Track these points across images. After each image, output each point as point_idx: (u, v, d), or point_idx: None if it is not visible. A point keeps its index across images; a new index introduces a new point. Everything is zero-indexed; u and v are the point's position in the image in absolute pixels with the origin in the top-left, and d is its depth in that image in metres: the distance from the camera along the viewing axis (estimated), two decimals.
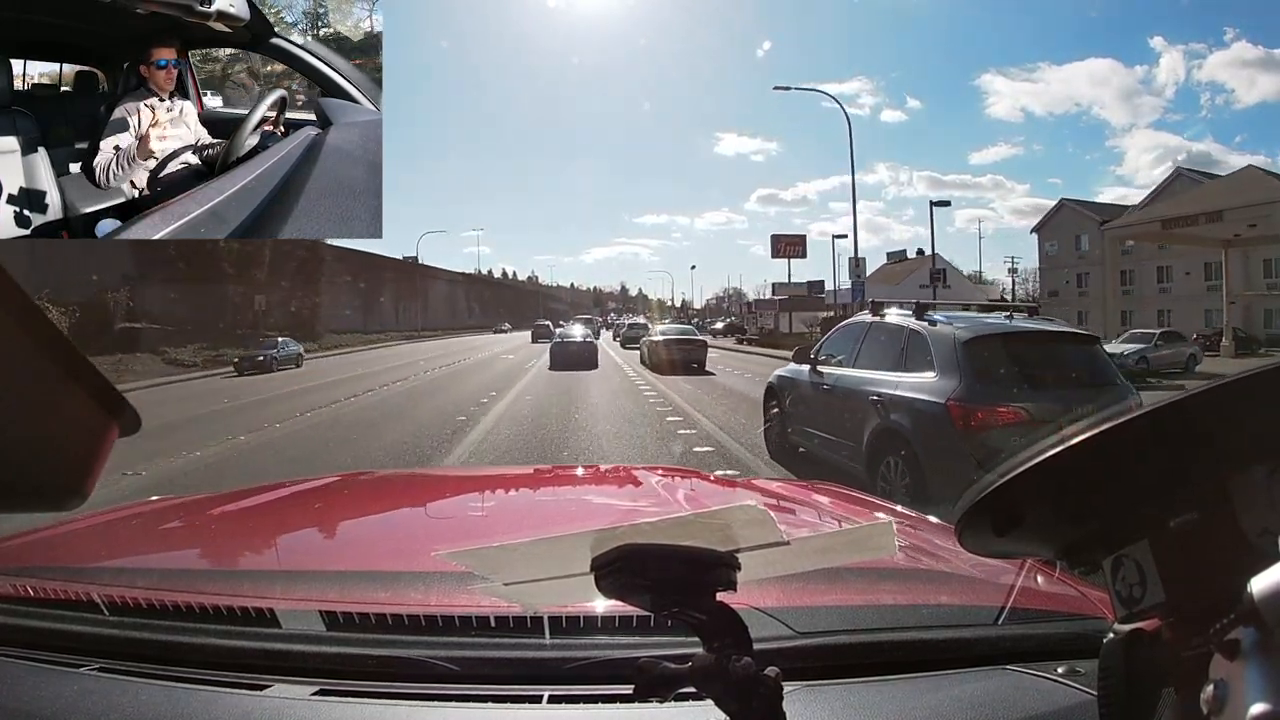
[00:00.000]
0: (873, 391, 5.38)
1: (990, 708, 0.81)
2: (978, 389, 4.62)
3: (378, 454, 8.30)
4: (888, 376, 5.37)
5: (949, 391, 4.66)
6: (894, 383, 5.24)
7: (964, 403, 4.55)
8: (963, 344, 4.82)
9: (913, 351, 5.20)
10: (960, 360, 4.76)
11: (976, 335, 4.91)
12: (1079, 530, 0.57)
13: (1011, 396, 4.59)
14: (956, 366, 4.75)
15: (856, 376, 5.78)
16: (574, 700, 0.84)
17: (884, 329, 5.78)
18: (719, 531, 0.55)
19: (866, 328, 6.09)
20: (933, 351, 4.98)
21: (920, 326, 5.27)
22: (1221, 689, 0.41)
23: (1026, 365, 4.91)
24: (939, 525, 1.47)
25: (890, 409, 5.11)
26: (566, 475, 2.66)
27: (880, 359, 5.60)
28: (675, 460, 7.46)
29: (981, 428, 4.47)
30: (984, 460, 4.36)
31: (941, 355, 4.90)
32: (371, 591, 1.06)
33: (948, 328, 5.09)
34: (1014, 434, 4.38)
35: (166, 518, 1.69)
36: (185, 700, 0.84)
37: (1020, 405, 4.52)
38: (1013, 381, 4.76)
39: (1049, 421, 4.38)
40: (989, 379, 4.71)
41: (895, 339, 5.52)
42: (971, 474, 4.18)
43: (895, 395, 5.12)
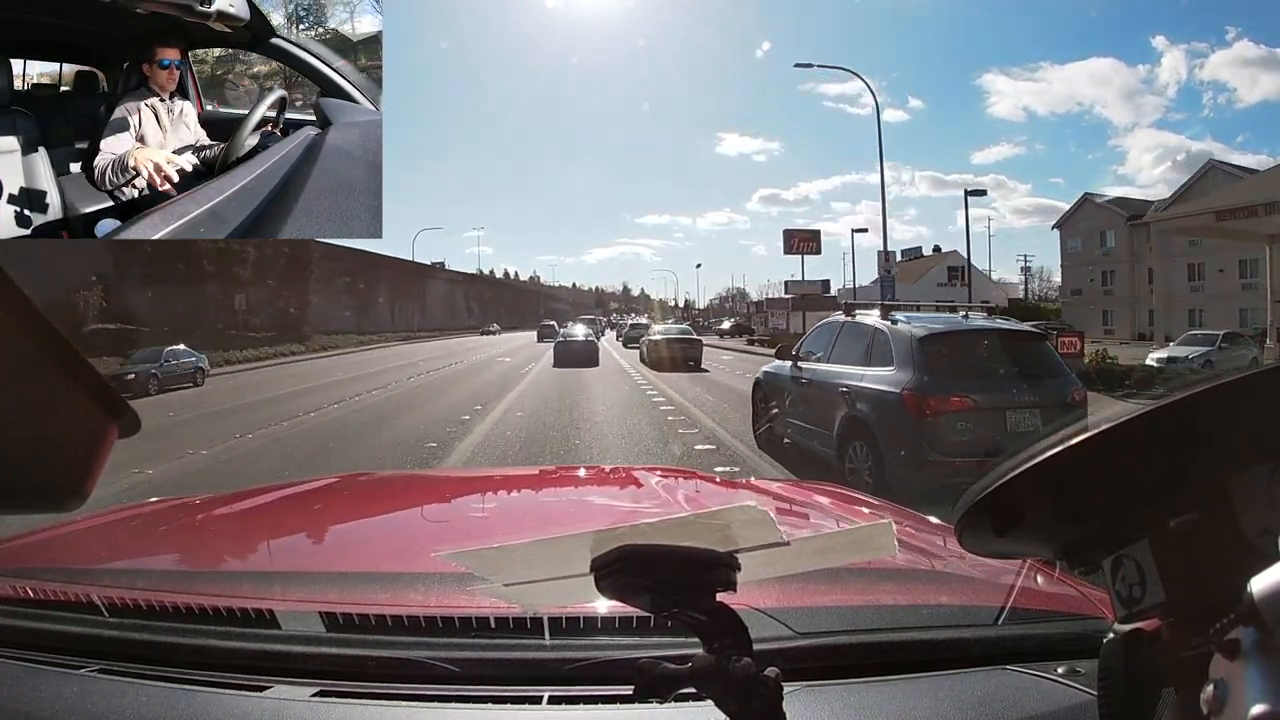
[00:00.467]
0: (842, 384, 6.00)
1: (990, 708, 0.81)
2: (930, 381, 5.21)
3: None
4: (856, 370, 5.96)
5: (905, 383, 5.26)
6: (860, 376, 5.85)
7: (917, 393, 5.15)
8: (918, 341, 5.43)
9: (877, 348, 5.80)
10: (915, 355, 5.35)
11: (930, 333, 5.55)
12: (1079, 530, 0.57)
13: (960, 387, 5.17)
14: (912, 361, 5.35)
15: (830, 371, 6.38)
16: (574, 701, 0.84)
17: (855, 328, 6.40)
18: (719, 532, 0.55)
19: (840, 327, 6.70)
20: (893, 348, 5.58)
21: (884, 326, 5.87)
22: (1221, 689, 0.41)
23: (975, 359, 5.58)
24: (939, 525, 1.47)
25: (856, 399, 5.72)
26: (566, 476, 2.66)
27: (850, 355, 6.19)
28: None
29: (933, 414, 5.05)
30: (934, 443, 4.99)
31: (900, 351, 5.50)
32: (371, 592, 1.06)
33: (906, 327, 5.69)
34: (961, 420, 5.01)
35: (166, 519, 1.69)
36: (185, 701, 0.84)
37: (967, 395, 5.12)
38: (962, 374, 5.37)
39: (994, 409, 5.14)
40: (941, 372, 5.30)
41: (863, 337, 6.12)
42: (925, 456, 4.96)
43: (860, 387, 5.74)
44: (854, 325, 6.46)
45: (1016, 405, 5.21)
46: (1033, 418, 5.17)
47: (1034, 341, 6.02)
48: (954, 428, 5.05)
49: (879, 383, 5.54)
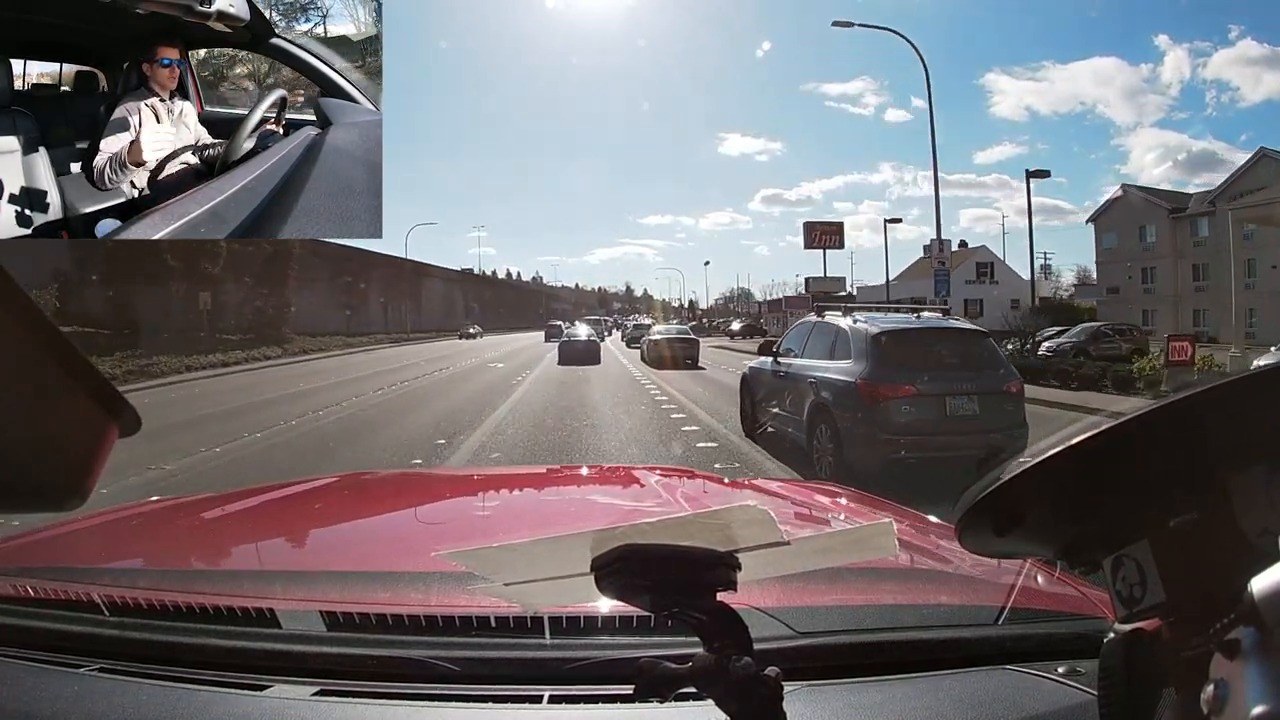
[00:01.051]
0: (811, 376, 6.95)
1: (991, 708, 0.81)
2: (880, 372, 6.15)
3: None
4: (822, 363, 6.90)
5: (859, 373, 6.23)
6: (825, 368, 6.79)
7: (869, 381, 6.11)
8: (871, 337, 6.38)
9: (840, 344, 6.76)
10: (870, 350, 6.30)
11: (883, 331, 6.47)
12: (1079, 530, 0.57)
13: (905, 377, 6.10)
14: (866, 355, 6.30)
15: (803, 365, 7.33)
16: (574, 700, 0.84)
17: (824, 327, 7.33)
18: (719, 531, 0.55)
19: (812, 326, 7.67)
20: (851, 344, 6.55)
21: (846, 325, 6.82)
22: (1222, 689, 0.41)
23: (921, 353, 6.42)
24: (939, 525, 1.47)
25: (821, 388, 6.68)
26: (567, 475, 2.66)
27: (819, 350, 7.14)
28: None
29: (882, 400, 5.99)
30: (883, 424, 5.91)
31: (857, 346, 6.47)
32: (372, 591, 1.06)
33: (864, 326, 6.60)
34: (906, 404, 5.95)
35: (166, 518, 1.69)
36: (185, 700, 0.84)
37: (911, 383, 6.04)
38: (908, 366, 6.24)
39: (935, 395, 6.04)
40: (890, 364, 6.22)
41: (829, 335, 7.06)
42: (876, 435, 5.93)
43: (824, 378, 6.69)
44: (823, 324, 7.37)
45: (956, 393, 6.10)
46: (970, 404, 6.09)
47: (977, 338, 6.87)
48: (900, 411, 5.96)
49: (839, 373, 6.49)
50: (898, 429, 5.92)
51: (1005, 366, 6.63)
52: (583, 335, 25.21)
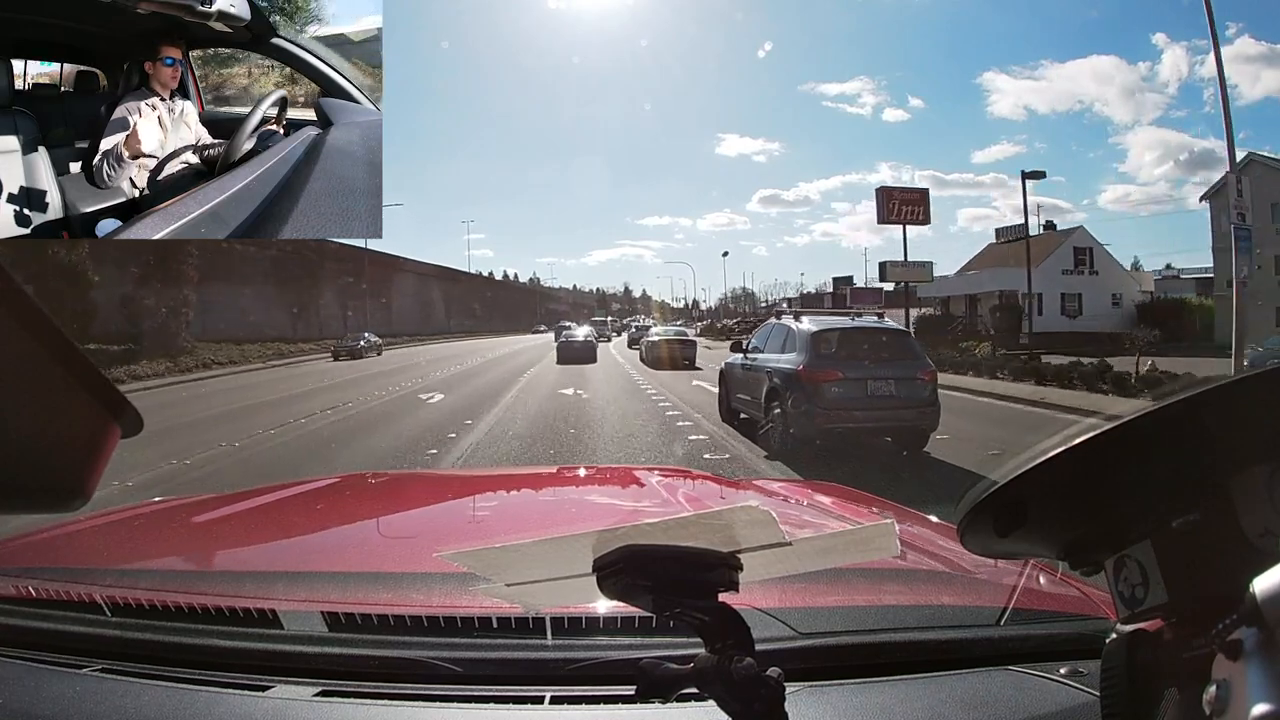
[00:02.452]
0: (768, 366, 8.68)
1: (993, 708, 0.81)
2: (816, 361, 7.92)
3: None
4: (776, 356, 8.69)
5: (800, 362, 7.99)
6: (778, 359, 8.58)
7: (808, 369, 7.84)
8: (810, 335, 8.24)
9: (789, 341, 8.60)
10: (808, 345, 8.11)
11: (820, 329, 8.36)
12: (1081, 530, 0.57)
13: (836, 366, 7.89)
14: (806, 349, 8.09)
15: (763, 358, 9.09)
16: (576, 701, 0.84)
17: (781, 327, 9.19)
18: (721, 532, 0.55)
19: (772, 327, 9.63)
20: (797, 340, 8.37)
21: (795, 325, 8.68)
22: (1224, 689, 0.41)
23: (849, 347, 8.19)
24: (941, 525, 1.47)
25: (774, 376, 8.40)
26: (568, 476, 2.66)
27: (775, 346, 8.94)
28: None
29: (817, 382, 7.74)
30: (818, 402, 7.62)
31: (800, 342, 8.26)
32: (374, 592, 1.06)
33: (807, 325, 8.50)
34: (836, 386, 7.71)
35: (168, 519, 1.69)
36: (187, 701, 0.84)
37: (837, 369, 7.83)
38: (839, 357, 8.04)
39: (859, 379, 7.79)
40: (823, 355, 8.03)
41: (783, 333, 8.90)
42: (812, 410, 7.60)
43: (776, 367, 8.44)
44: (780, 325, 9.30)
45: (875, 378, 7.84)
46: (889, 386, 7.83)
47: (900, 335, 8.95)
48: (830, 391, 7.68)
49: (787, 363, 8.25)
50: (829, 405, 7.62)
51: (921, 358, 8.40)
52: (580, 337, 28.14)
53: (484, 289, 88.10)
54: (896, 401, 7.80)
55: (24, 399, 0.42)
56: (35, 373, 0.42)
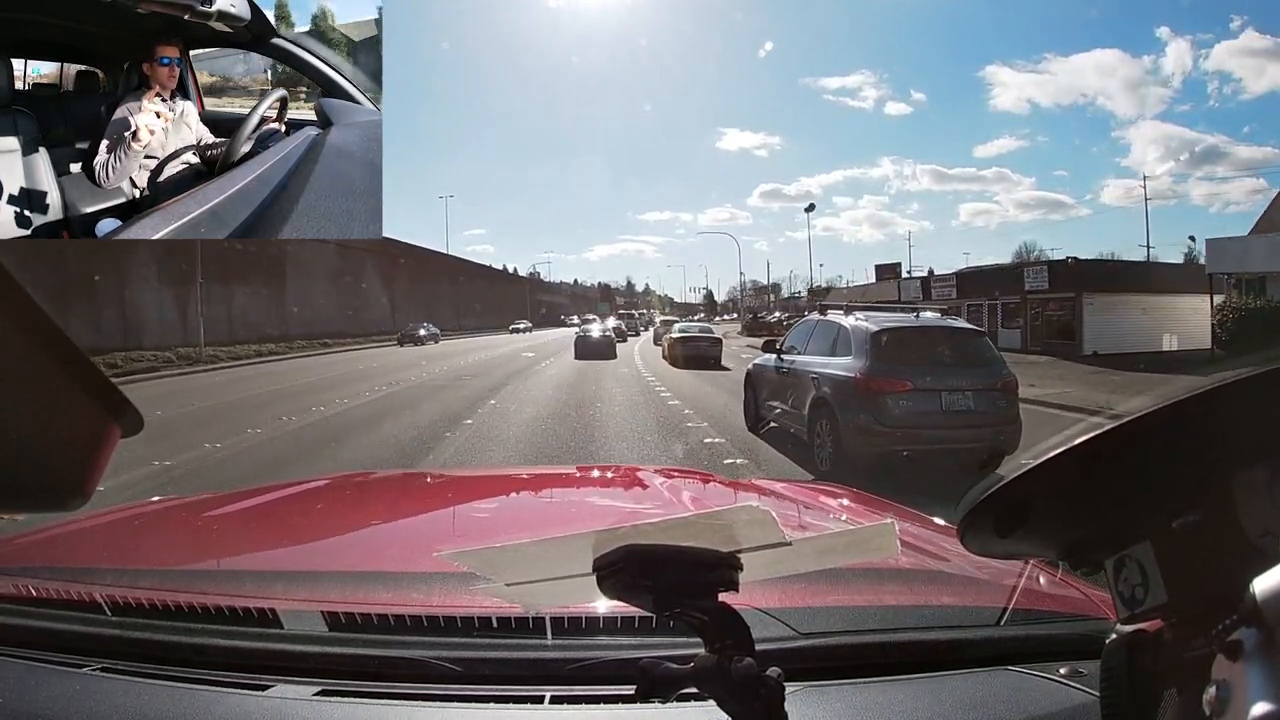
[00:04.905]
0: (813, 372, 7.24)
1: (992, 709, 0.81)
2: (879, 367, 6.47)
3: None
4: (824, 360, 7.23)
5: (859, 369, 6.56)
6: (826, 364, 7.12)
7: (869, 376, 6.44)
8: (871, 335, 6.70)
9: (840, 341, 7.09)
10: (869, 347, 6.63)
11: (882, 329, 6.79)
12: (1081, 531, 0.57)
13: (901, 373, 6.44)
14: (866, 351, 6.62)
15: (805, 361, 7.64)
16: (576, 701, 0.84)
17: (826, 325, 7.64)
18: (721, 532, 0.55)
19: (815, 324, 8.04)
20: (852, 341, 6.88)
21: (848, 323, 7.14)
22: (1224, 690, 0.41)
23: (917, 350, 6.76)
24: (941, 526, 1.47)
25: (822, 383, 6.99)
26: (569, 475, 2.66)
27: (821, 348, 7.46)
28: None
29: (879, 393, 6.34)
30: (880, 417, 6.24)
31: (857, 343, 6.78)
32: (374, 592, 1.06)
33: (865, 324, 6.91)
34: (903, 399, 6.29)
35: (168, 518, 1.69)
36: (187, 700, 0.84)
37: (906, 378, 6.40)
38: (905, 361, 6.58)
39: (931, 390, 6.35)
40: (888, 359, 6.56)
41: (831, 332, 7.37)
42: (872, 427, 6.24)
43: (826, 373, 7.00)
44: (826, 323, 7.71)
45: (951, 388, 6.41)
46: (965, 399, 6.39)
47: (974, 336, 7.36)
48: (896, 404, 6.27)
49: (840, 369, 6.82)
50: (894, 421, 6.22)
51: (1000, 365, 6.93)
52: (595, 334, 28.03)
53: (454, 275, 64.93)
54: (973, 417, 6.31)
55: (24, 398, 0.42)
56: (35, 372, 0.42)
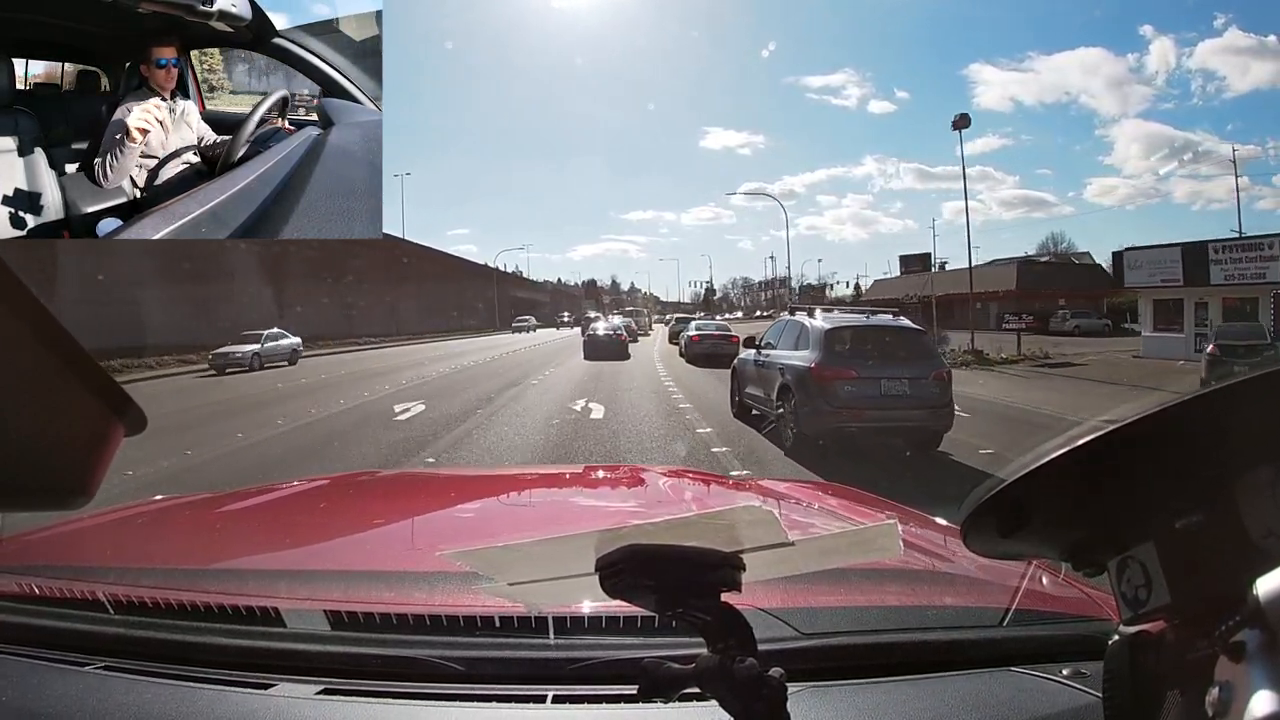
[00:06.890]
0: (780, 363, 8.65)
1: (995, 709, 0.81)
2: (829, 359, 7.89)
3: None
4: (789, 353, 8.63)
5: (813, 360, 7.95)
6: (791, 356, 8.52)
7: (821, 366, 7.82)
8: (824, 332, 8.16)
9: (802, 337, 8.51)
10: (822, 342, 8.04)
11: (834, 326, 8.30)
12: (1084, 532, 0.57)
13: (849, 364, 7.86)
14: (820, 345, 8.02)
15: (776, 354, 9.04)
16: (578, 700, 0.84)
17: (794, 324, 9.10)
18: (724, 532, 0.55)
19: (786, 323, 9.56)
20: (810, 337, 8.29)
21: (809, 322, 8.62)
22: (1226, 691, 0.41)
23: (863, 345, 8.15)
24: (944, 526, 1.47)
25: (786, 372, 8.38)
26: (571, 475, 2.66)
27: (789, 343, 8.86)
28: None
29: (829, 381, 7.73)
30: (829, 400, 7.59)
31: (814, 339, 8.19)
32: (376, 591, 1.06)
33: (820, 322, 8.42)
34: (848, 385, 7.66)
35: (171, 517, 1.69)
36: (190, 698, 0.84)
37: (852, 368, 7.80)
38: (852, 355, 8.02)
39: (872, 378, 7.71)
40: (837, 353, 7.99)
41: (796, 330, 8.82)
42: (823, 408, 7.62)
43: (789, 364, 8.41)
44: (794, 322, 9.20)
45: (890, 377, 7.73)
46: (902, 386, 7.71)
47: (916, 334, 8.68)
48: (842, 389, 7.63)
49: (799, 360, 8.21)
50: (841, 403, 7.56)
51: (935, 358, 8.45)
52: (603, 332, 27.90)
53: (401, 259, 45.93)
54: (909, 401, 7.66)
55: (27, 397, 0.42)
56: (38, 371, 0.42)
